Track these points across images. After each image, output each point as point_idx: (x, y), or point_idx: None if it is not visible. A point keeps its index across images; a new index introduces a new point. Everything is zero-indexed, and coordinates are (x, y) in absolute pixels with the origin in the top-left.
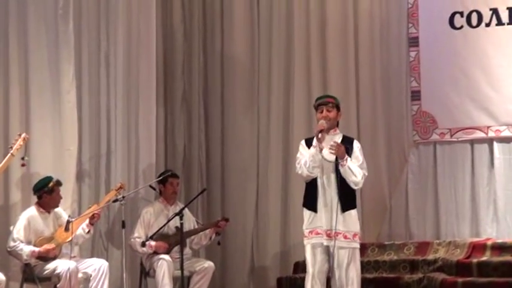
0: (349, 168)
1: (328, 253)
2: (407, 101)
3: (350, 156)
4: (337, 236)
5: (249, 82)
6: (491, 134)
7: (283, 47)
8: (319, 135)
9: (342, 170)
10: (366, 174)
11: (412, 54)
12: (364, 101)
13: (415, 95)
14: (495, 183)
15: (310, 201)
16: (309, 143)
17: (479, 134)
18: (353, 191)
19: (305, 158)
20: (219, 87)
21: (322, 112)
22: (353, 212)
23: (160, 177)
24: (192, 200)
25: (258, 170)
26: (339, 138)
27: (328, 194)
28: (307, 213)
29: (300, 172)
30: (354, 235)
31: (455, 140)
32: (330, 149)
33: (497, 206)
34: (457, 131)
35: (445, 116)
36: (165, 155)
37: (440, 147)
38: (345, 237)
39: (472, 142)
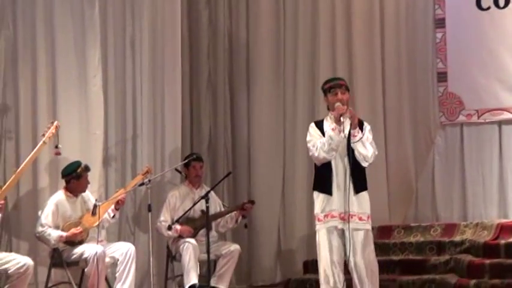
0: (361, 141)
1: (343, 236)
2: (434, 83)
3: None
4: (352, 218)
5: (275, 67)
6: None
7: (309, 33)
8: (341, 118)
9: (353, 141)
10: (376, 153)
11: (439, 35)
12: (390, 83)
13: (442, 77)
14: None
15: (324, 184)
16: (319, 126)
17: (507, 115)
18: (364, 173)
19: (319, 140)
20: (245, 71)
21: (336, 95)
22: (365, 194)
23: (184, 161)
24: (217, 183)
25: (284, 153)
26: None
27: (340, 176)
28: (320, 196)
29: (316, 155)
30: (368, 217)
31: (483, 121)
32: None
33: None
34: (484, 112)
35: (471, 97)
36: (191, 139)
37: (467, 128)
38: (360, 218)
39: (500, 123)
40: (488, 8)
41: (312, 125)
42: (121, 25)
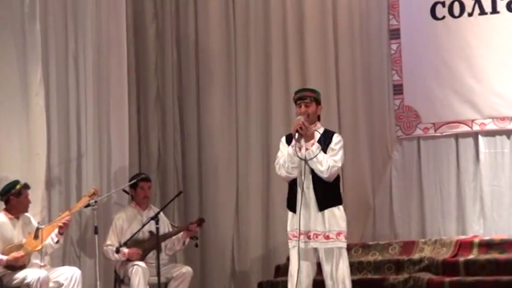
0: (314, 155)
1: (313, 256)
2: (390, 95)
3: (326, 148)
4: (316, 237)
5: (226, 79)
6: (476, 128)
7: (261, 41)
8: (296, 134)
9: (307, 156)
10: (338, 165)
11: (394, 46)
12: (344, 96)
13: (398, 89)
14: (481, 179)
15: (291, 202)
16: (289, 140)
17: (464, 128)
18: (335, 188)
19: (284, 157)
20: (195, 84)
21: (300, 107)
22: (336, 210)
23: (131, 182)
24: (167, 203)
25: (237, 170)
26: (320, 131)
27: (307, 193)
28: (289, 214)
29: (279, 173)
30: (338, 234)
31: (440, 134)
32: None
33: (483, 202)
34: (441, 125)
35: (428, 110)
36: (139, 157)
37: (424, 142)
38: (327, 237)
39: (457, 136)
40: (443, 17)
41: (282, 139)
42: (63, 41)
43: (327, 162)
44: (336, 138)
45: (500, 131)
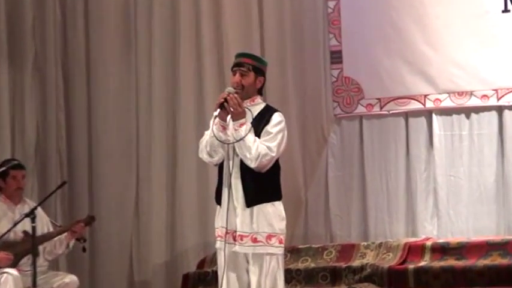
0: (242, 138)
1: (244, 263)
2: (326, 65)
3: (261, 130)
4: (242, 239)
5: (123, 43)
6: (429, 105)
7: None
8: (218, 110)
9: (231, 138)
10: (272, 154)
11: (331, 4)
12: (270, 64)
13: (336, 57)
14: (435, 167)
15: (217, 193)
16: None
17: (416, 105)
18: (271, 179)
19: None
20: (83, 50)
21: (234, 75)
22: (269, 207)
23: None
24: (47, 196)
25: (137, 157)
26: (258, 109)
27: (235, 184)
28: (217, 208)
29: (200, 156)
30: (269, 237)
31: (386, 112)
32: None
33: (437, 197)
34: (388, 102)
35: (373, 82)
36: (12, 140)
37: (367, 122)
38: (254, 240)
39: (407, 115)
40: None
41: (215, 113)
42: None
43: (257, 149)
44: (276, 118)
45: (458, 109)
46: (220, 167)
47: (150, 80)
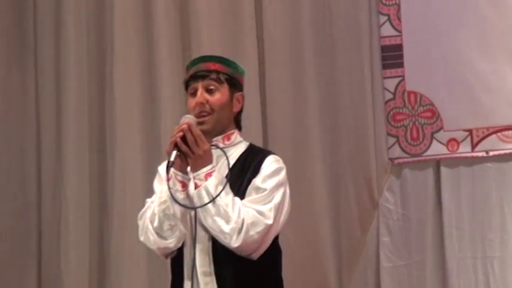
0: (212, 199)
1: None
2: (374, 69)
3: (245, 185)
4: None
5: None
6: None
7: None
8: (174, 153)
9: (195, 200)
10: (268, 222)
11: None
12: (274, 70)
13: (391, 56)
14: None
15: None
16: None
17: None
18: (267, 272)
19: (155, 204)
20: None
21: (194, 95)
22: None
23: None
24: None
25: None
26: (237, 152)
27: (204, 283)
28: None
29: (142, 240)
30: None
31: (483, 154)
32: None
33: None
34: (487, 135)
35: (458, 102)
36: None
37: (449, 172)
38: None
39: None
40: None
41: (160, 169)
42: None
43: (239, 215)
44: (271, 164)
45: None
46: (178, 256)
47: None
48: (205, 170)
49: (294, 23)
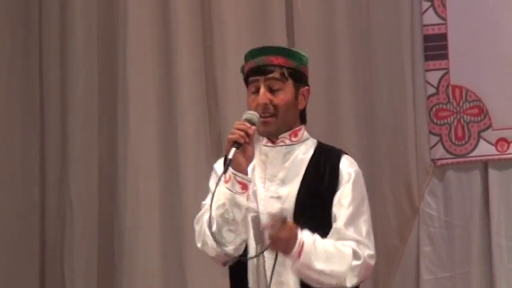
0: (310, 261)
1: None
2: (415, 61)
3: (325, 199)
4: None
5: None
6: None
7: None
8: (232, 152)
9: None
10: (371, 253)
11: None
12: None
13: (435, 47)
14: None
15: None
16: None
17: None
18: None
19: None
20: None
21: (255, 92)
22: None
23: None
24: None
25: None
26: (304, 153)
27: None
28: None
29: (200, 245)
30: None
31: None
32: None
33: None
34: None
35: (506, 97)
36: None
37: (499, 174)
38: None
39: None
40: None
41: (215, 166)
42: None
43: (344, 257)
44: (350, 169)
45: None
46: (237, 265)
47: None
48: (294, 251)
49: (327, 8)
